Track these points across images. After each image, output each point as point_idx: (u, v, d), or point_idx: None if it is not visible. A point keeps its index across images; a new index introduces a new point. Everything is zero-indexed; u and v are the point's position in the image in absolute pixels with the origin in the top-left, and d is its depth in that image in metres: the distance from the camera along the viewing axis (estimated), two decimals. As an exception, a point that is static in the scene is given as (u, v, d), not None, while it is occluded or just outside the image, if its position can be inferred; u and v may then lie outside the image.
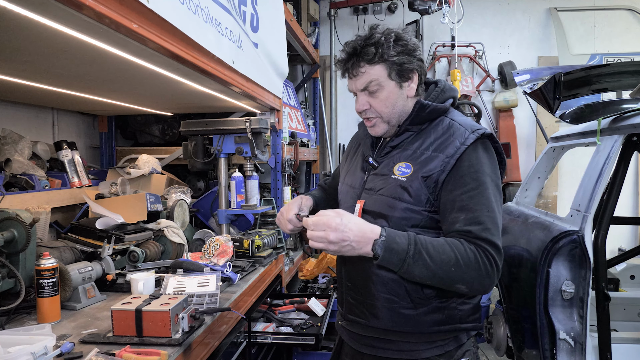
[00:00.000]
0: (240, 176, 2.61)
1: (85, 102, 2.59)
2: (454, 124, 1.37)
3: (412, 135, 1.40)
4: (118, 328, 1.39)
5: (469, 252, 1.22)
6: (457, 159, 1.29)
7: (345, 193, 1.52)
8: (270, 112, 3.05)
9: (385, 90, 1.35)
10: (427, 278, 1.23)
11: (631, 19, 5.13)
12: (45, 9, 1.12)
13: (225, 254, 2.10)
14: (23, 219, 1.61)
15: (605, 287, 2.16)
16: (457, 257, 1.21)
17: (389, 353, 1.39)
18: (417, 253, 1.20)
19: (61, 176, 2.51)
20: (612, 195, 2.27)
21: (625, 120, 2.15)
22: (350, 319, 1.46)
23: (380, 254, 1.20)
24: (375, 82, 1.34)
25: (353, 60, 1.35)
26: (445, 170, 1.29)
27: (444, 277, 1.22)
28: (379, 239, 1.21)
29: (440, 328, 1.35)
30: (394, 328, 1.36)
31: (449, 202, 1.28)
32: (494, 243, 1.24)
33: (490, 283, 1.25)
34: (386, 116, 1.38)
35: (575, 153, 3.44)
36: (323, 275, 3.68)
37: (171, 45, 1.48)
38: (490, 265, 1.22)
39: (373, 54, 1.31)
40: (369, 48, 1.31)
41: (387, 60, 1.32)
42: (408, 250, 1.20)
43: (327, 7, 5.11)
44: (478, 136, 1.31)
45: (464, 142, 1.30)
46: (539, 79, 2.92)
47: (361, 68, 1.34)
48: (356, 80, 1.37)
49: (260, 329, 2.46)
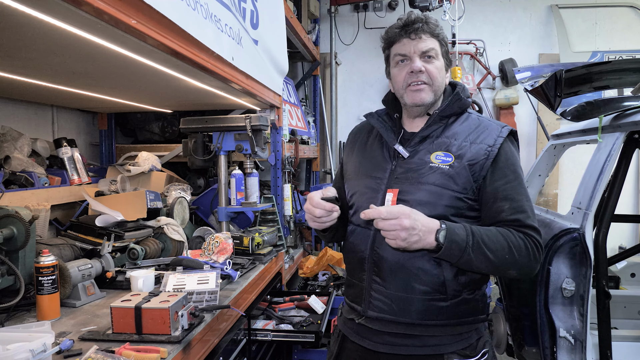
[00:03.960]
0: (240, 174, 2.60)
1: (84, 99, 2.58)
2: (482, 119, 1.45)
3: (440, 127, 1.44)
4: (117, 325, 1.39)
5: (519, 240, 1.30)
6: (498, 148, 1.36)
7: (366, 186, 1.46)
8: (271, 109, 3.04)
9: (439, 61, 1.42)
10: (484, 267, 1.30)
11: (633, 16, 5.11)
12: (44, 5, 1.11)
13: (225, 251, 2.10)
14: (22, 217, 1.61)
15: (605, 284, 2.15)
16: (510, 245, 1.29)
17: (410, 350, 1.36)
18: (476, 243, 1.26)
19: (61, 173, 2.51)
20: (613, 193, 2.26)
21: (627, 118, 2.14)
22: (372, 316, 1.40)
23: (444, 244, 1.25)
24: (435, 51, 1.41)
25: (419, 25, 1.39)
26: (490, 158, 1.35)
27: (499, 265, 1.29)
28: (441, 229, 1.26)
29: (466, 320, 1.38)
30: (423, 321, 1.35)
31: (492, 192, 1.35)
32: (538, 229, 1.35)
33: (537, 266, 1.35)
34: (436, 84, 1.42)
35: (576, 151, 3.44)
36: (323, 273, 3.68)
37: (170, 42, 1.48)
38: (537, 250, 1.32)
39: (437, 28, 1.41)
40: (434, 23, 1.41)
41: (442, 40, 1.42)
42: (467, 240, 1.26)
43: (328, 4, 5.09)
44: (509, 131, 1.41)
45: (500, 135, 1.38)
46: (540, 76, 2.90)
47: (424, 34, 1.39)
48: (418, 43, 1.39)
49: (260, 326, 2.46)
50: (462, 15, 4.69)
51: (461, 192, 1.34)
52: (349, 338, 1.48)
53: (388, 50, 1.47)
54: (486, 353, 1.40)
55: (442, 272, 1.33)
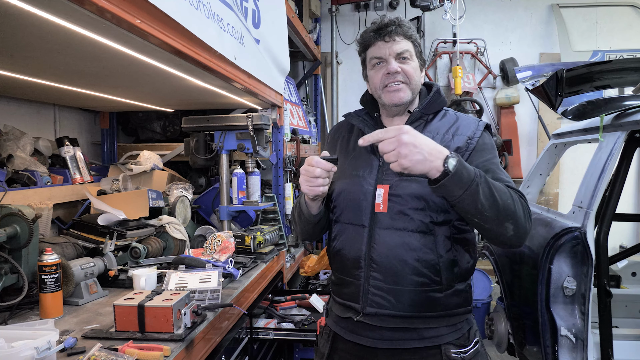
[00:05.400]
0: (242, 172, 2.61)
1: (87, 98, 2.59)
2: (459, 114, 1.50)
3: (421, 124, 1.47)
4: (120, 323, 1.39)
5: (516, 195, 1.30)
6: (476, 141, 1.41)
7: (351, 183, 1.45)
8: (272, 108, 3.05)
9: (415, 62, 1.46)
10: (488, 206, 1.22)
11: (633, 15, 5.11)
12: (48, 4, 1.11)
13: (227, 250, 2.10)
14: (25, 215, 1.62)
15: (606, 283, 2.16)
16: (511, 194, 1.28)
17: (409, 343, 1.38)
18: (484, 177, 1.24)
19: (63, 172, 2.52)
20: (614, 192, 2.26)
21: (628, 117, 2.14)
22: (371, 312, 1.39)
23: (456, 167, 1.18)
24: (409, 52, 1.44)
25: (392, 28, 1.42)
26: (469, 150, 1.39)
27: (502, 207, 1.24)
28: (451, 156, 1.20)
29: (458, 310, 1.41)
30: (421, 313, 1.36)
31: None
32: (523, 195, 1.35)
33: (529, 229, 1.31)
34: (413, 83, 1.44)
35: (577, 150, 3.44)
36: (324, 272, 3.68)
37: (173, 41, 1.48)
38: (529, 212, 1.32)
39: (408, 29, 1.44)
40: (407, 25, 1.44)
41: (415, 41, 1.46)
42: (476, 172, 1.23)
43: (329, 4, 5.09)
44: (485, 125, 1.46)
45: (478, 128, 1.44)
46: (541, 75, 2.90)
47: (398, 37, 1.43)
48: (393, 45, 1.42)
49: (262, 325, 2.46)
50: (463, 14, 4.69)
51: None
52: (343, 337, 1.47)
53: (364, 53, 1.50)
54: (478, 342, 1.44)
55: (438, 262, 1.35)
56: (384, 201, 1.37)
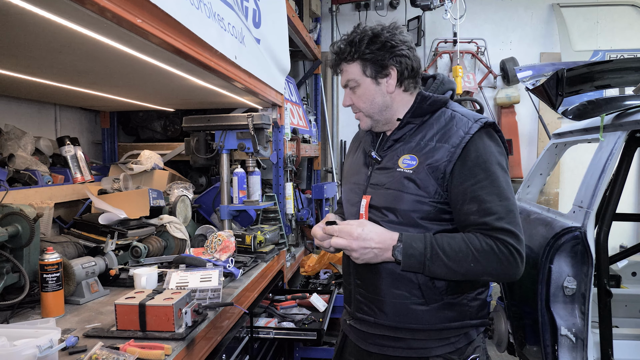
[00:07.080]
0: (243, 172, 2.61)
1: (87, 97, 2.59)
2: (456, 114, 1.37)
3: (414, 127, 1.41)
4: (122, 322, 1.40)
5: (485, 246, 1.24)
6: (462, 148, 1.29)
7: (350, 191, 1.51)
8: (272, 108, 3.05)
9: (362, 87, 1.40)
10: (451, 276, 1.28)
11: (634, 15, 5.10)
12: (49, 3, 1.12)
13: (228, 249, 2.11)
14: (27, 214, 1.62)
15: (607, 283, 2.16)
16: (474, 253, 1.24)
17: (398, 351, 1.38)
18: (435, 255, 1.25)
19: (64, 172, 2.52)
20: (614, 192, 2.26)
21: (629, 117, 2.14)
22: (359, 317, 1.45)
23: (401, 260, 1.27)
24: (353, 80, 1.40)
25: (335, 60, 1.43)
26: (452, 161, 1.29)
27: (466, 273, 1.26)
28: (397, 245, 1.27)
29: (451, 324, 1.36)
30: (404, 325, 1.36)
31: (461, 194, 1.29)
32: (510, 230, 1.25)
33: (516, 270, 1.27)
34: (366, 111, 1.43)
35: (578, 149, 3.44)
36: (324, 271, 3.69)
37: (174, 41, 1.48)
38: (510, 253, 1.24)
39: (347, 53, 1.38)
40: (345, 47, 1.39)
41: (360, 58, 1.37)
42: (425, 253, 1.25)
43: (329, 3, 5.09)
44: (482, 125, 1.32)
45: (468, 132, 1.30)
46: (542, 75, 2.90)
47: (341, 66, 1.42)
48: (341, 76, 1.45)
49: (262, 324, 2.47)
50: (463, 14, 4.69)
51: (425, 195, 1.30)
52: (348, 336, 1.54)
53: None
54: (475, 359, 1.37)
55: (415, 277, 1.33)
56: (365, 212, 1.40)
